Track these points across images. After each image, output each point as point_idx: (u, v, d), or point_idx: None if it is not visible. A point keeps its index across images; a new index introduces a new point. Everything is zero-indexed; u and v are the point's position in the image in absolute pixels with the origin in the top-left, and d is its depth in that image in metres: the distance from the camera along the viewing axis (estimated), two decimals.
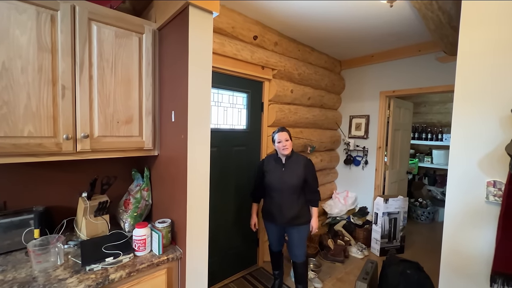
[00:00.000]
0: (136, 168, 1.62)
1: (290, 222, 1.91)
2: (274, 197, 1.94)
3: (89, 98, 1.18)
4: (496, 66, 1.33)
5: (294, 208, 1.91)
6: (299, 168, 1.91)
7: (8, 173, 1.29)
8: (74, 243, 1.23)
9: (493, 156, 1.34)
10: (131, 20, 1.28)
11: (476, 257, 1.39)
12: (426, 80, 2.91)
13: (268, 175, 1.95)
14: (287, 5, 2.05)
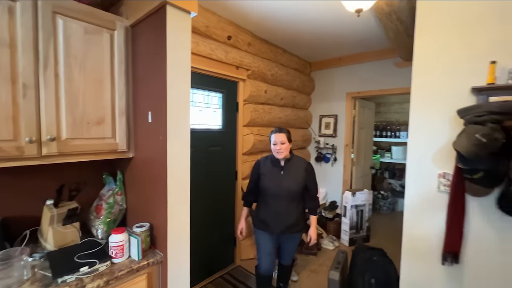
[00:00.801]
0: (107, 171, 1.53)
1: (285, 231, 1.76)
2: (270, 204, 1.74)
3: (55, 98, 1.09)
4: (444, 72, 1.53)
5: (292, 216, 1.74)
6: (299, 172, 1.73)
7: None
8: (40, 255, 1.13)
9: (443, 151, 1.54)
10: (102, 15, 1.22)
11: (430, 240, 1.58)
12: (386, 83, 3.19)
13: (265, 178, 1.75)
14: (260, 6, 2.09)
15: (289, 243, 1.88)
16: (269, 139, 1.80)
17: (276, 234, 1.77)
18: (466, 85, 1.44)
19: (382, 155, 5.11)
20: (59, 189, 1.22)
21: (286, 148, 1.71)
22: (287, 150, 1.73)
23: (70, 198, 1.30)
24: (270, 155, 1.84)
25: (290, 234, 1.78)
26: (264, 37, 2.80)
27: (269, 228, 1.76)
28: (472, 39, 1.43)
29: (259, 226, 1.81)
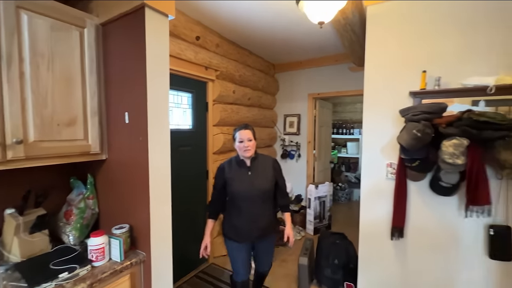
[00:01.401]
0: (74, 175, 1.45)
1: (261, 235, 1.64)
2: (242, 208, 1.59)
3: (20, 98, 1.02)
4: (389, 79, 1.81)
5: (266, 218, 1.64)
6: (268, 170, 1.64)
7: None
8: (5, 268, 1.05)
9: (389, 144, 1.83)
10: (70, 12, 1.17)
11: (381, 220, 1.87)
12: (341, 85, 3.54)
13: (233, 182, 1.59)
14: (227, 8, 2.15)
15: (266, 248, 1.75)
16: (233, 137, 1.65)
17: (251, 241, 1.65)
18: (406, 89, 1.74)
19: (339, 150, 5.60)
20: (25, 196, 1.13)
21: (253, 146, 1.59)
22: (254, 148, 1.61)
23: (37, 205, 1.22)
24: (234, 157, 1.69)
25: (266, 237, 1.68)
26: (231, 38, 2.88)
27: (243, 237, 1.61)
28: (410, 52, 1.74)
29: (231, 236, 1.64)
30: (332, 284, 2.27)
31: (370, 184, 1.93)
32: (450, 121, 1.47)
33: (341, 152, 5.62)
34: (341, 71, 3.51)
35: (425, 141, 1.49)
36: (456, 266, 1.65)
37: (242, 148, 1.58)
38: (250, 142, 1.58)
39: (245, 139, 1.57)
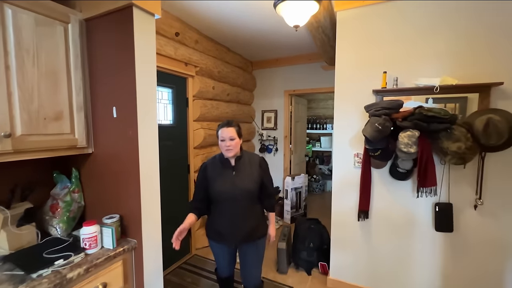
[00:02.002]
0: (57, 170, 1.45)
1: (246, 239, 1.50)
2: (225, 210, 1.47)
3: (7, 92, 1.03)
4: (356, 78, 2.03)
5: (251, 220, 1.50)
6: (254, 169, 1.50)
7: None
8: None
9: (356, 136, 2.06)
10: (53, 7, 1.18)
11: (350, 205, 2.10)
12: (315, 83, 3.76)
13: (215, 183, 1.46)
14: (206, 5, 2.19)
15: (252, 253, 1.56)
16: (216, 135, 1.49)
17: (234, 244, 1.51)
18: (370, 88, 1.96)
19: (314, 144, 5.91)
20: (13, 189, 1.14)
21: (236, 145, 1.44)
22: (237, 147, 1.46)
23: (23, 198, 1.22)
24: (218, 155, 1.55)
25: (252, 241, 1.52)
26: (210, 35, 2.93)
27: (225, 239, 1.50)
28: (373, 54, 1.96)
29: (213, 237, 1.55)
30: (308, 265, 2.49)
31: (340, 172, 2.16)
32: (405, 115, 1.72)
33: (315, 146, 5.93)
34: (314, 69, 3.73)
35: (385, 133, 1.72)
36: (411, 239, 1.93)
37: (223, 147, 1.44)
38: (232, 141, 1.42)
39: (227, 137, 1.42)
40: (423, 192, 1.81)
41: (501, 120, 1.54)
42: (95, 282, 1.10)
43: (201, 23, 2.59)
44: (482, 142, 1.58)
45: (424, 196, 1.83)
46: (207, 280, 2.35)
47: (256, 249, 1.57)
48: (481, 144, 1.61)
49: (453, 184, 1.78)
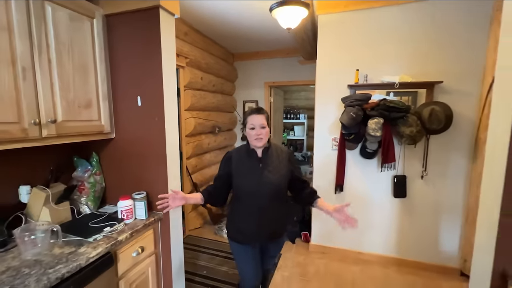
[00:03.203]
0: (77, 155, 1.56)
1: (269, 238, 1.41)
2: (249, 207, 1.36)
3: (50, 82, 1.15)
4: (334, 74, 2.40)
5: (277, 219, 1.40)
6: (282, 163, 1.37)
7: None
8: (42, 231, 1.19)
9: (334, 123, 2.45)
10: (82, 4, 1.28)
11: (328, 180, 2.51)
12: (292, 75, 4.10)
13: (240, 176, 1.35)
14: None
15: (274, 251, 1.54)
16: (243, 123, 1.38)
17: (260, 243, 1.43)
18: (345, 83, 2.35)
19: (288, 133, 6.35)
20: (52, 171, 1.26)
21: (266, 134, 1.32)
22: (267, 137, 1.34)
23: (56, 179, 1.34)
24: (244, 146, 1.42)
25: (276, 240, 1.46)
26: (197, 28, 3.05)
27: (249, 239, 1.40)
28: (348, 54, 2.34)
29: (236, 237, 1.43)
30: (292, 235, 2.88)
31: (321, 153, 2.55)
32: (373, 106, 2.14)
33: (289, 134, 6.37)
34: (292, 63, 4.06)
35: (358, 120, 2.13)
36: (375, 205, 2.42)
37: (253, 136, 1.31)
38: (263, 129, 1.31)
39: (258, 125, 1.30)
40: (385, 168, 2.28)
41: (440, 110, 2.04)
42: (135, 246, 1.30)
43: (190, 16, 2.70)
44: (427, 127, 2.07)
45: (386, 171, 2.30)
46: (204, 255, 2.61)
47: (277, 247, 1.51)
48: (426, 129, 2.10)
49: (407, 160, 2.28)
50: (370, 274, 2.29)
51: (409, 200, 2.32)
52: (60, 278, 0.92)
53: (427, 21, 2.11)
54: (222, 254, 2.61)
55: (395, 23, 2.20)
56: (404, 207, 2.35)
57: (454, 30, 2.05)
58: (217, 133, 3.68)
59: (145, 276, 1.39)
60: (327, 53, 2.42)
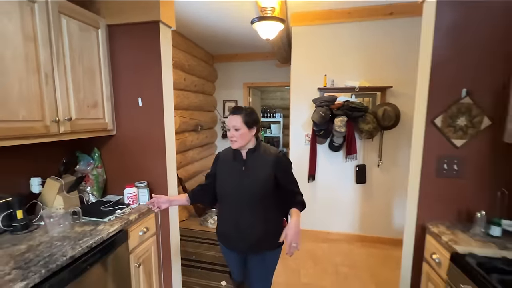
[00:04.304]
0: (79, 150, 1.71)
1: (251, 249, 1.29)
2: (229, 212, 1.29)
3: (65, 86, 1.32)
4: (306, 78, 2.76)
5: (258, 229, 1.24)
6: (267, 167, 1.23)
7: None
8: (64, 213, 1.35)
9: (306, 121, 2.81)
10: (89, 15, 1.46)
11: (303, 171, 2.87)
12: (269, 77, 4.43)
13: (221, 179, 1.31)
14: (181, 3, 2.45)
15: (257, 268, 1.34)
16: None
17: (241, 252, 1.34)
18: (316, 86, 2.72)
19: (265, 131, 6.70)
20: (64, 163, 1.42)
21: (241, 136, 1.21)
22: (244, 139, 1.22)
23: (65, 171, 1.50)
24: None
25: (258, 253, 1.30)
26: (180, 31, 3.23)
27: (232, 244, 1.33)
28: (318, 61, 2.71)
29: (220, 239, 1.38)
30: None
31: (296, 149, 2.90)
32: (338, 106, 2.53)
33: (266, 132, 6.73)
34: (269, 65, 4.39)
35: (326, 118, 2.50)
36: (341, 190, 2.83)
37: (229, 138, 1.24)
38: (236, 131, 1.21)
39: (230, 126, 1.23)
40: (349, 158, 2.69)
41: (391, 110, 2.49)
42: (141, 226, 1.51)
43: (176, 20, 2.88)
44: (381, 124, 2.52)
45: (349, 161, 2.72)
46: (192, 243, 2.83)
47: (263, 262, 1.31)
48: (381, 125, 2.54)
49: (366, 151, 2.72)
50: (338, 249, 2.70)
51: (368, 185, 2.77)
52: (89, 247, 1.12)
53: (379, 36, 2.55)
54: (208, 242, 2.85)
55: (353, 37, 2.61)
56: (364, 192, 2.80)
57: (400, 45, 2.51)
58: (199, 131, 3.88)
59: (149, 253, 1.61)
60: (300, 60, 2.77)
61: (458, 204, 1.34)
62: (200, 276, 2.23)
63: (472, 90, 1.27)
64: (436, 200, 1.36)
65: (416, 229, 1.40)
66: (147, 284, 1.58)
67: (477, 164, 1.31)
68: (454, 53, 1.27)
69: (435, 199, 1.36)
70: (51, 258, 1.00)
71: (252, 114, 1.26)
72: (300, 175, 2.89)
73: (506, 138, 1.23)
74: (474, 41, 1.25)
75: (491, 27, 1.23)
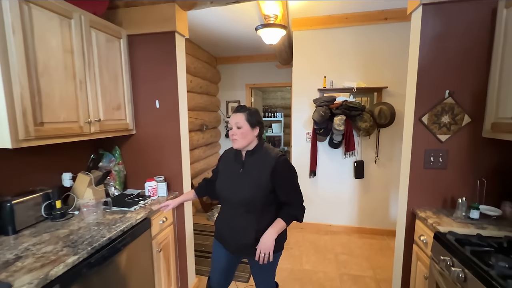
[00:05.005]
0: (101, 148, 1.88)
1: (241, 251, 1.28)
2: (224, 212, 1.32)
3: (95, 91, 1.49)
4: (307, 79, 2.93)
5: (250, 234, 1.20)
6: (264, 171, 1.17)
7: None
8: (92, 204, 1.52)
9: (307, 120, 2.99)
10: (113, 27, 1.63)
11: (304, 167, 3.05)
12: (271, 78, 4.60)
13: (219, 178, 1.33)
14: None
15: (257, 266, 1.29)
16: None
17: (232, 253, 1.33)
18: (316, 87, 2.89)
19: (266, 130, 6.87)
20: (92, 160, 1.60)
21: (243, 135, 1.19)
22: (246, 139, 1.20)
23: (92, 167, 1.67)
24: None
25: (248, 256, 1.28)
26: None
27: (225, 243, 1.32)
28: (317, 63, 2.88)
29: (215, 235, 1.39)
30: None
31: (298, 145, 3.08)
32: (337, 106, 2.70)
33: (267, 131, 6.90)
34: (270, 67, 4.56)
35: (326, 117, 2.68)
36: (340, 185, 3.01)
37: (230, 136, 1.23)
38: (238, 130, 1.19)
39: (233, 124, 1.21)
40: (347, 155, 2.87)
41: (387, 109, 2.66)
42: (161, 216, 1.68)
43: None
44: (378, 122, 2.69)
45: (348, 157, 2.90)
46: (200, 236, 3.01)
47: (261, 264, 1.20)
48: (377, 123, 2.71)
49: (364, 148, 2.90)
50: (338, 240, 2.88)
51: (366, 180, 2.95)
52: (122, 231, 1.29)
53: (375, 40, 2.72)
54: None
55: (350, 41, 2.78)
56: (362, 186, 2.97)
57: (395, 48, 2.68)
58: (204, 130, 4.05)
59: (168, 241, 1.78)
60: (301, 62, 2.94)
61: (443, 192, 1.52)
62: (209, 265, 2.40)
63: (454, 91, 1.45)
64: (424, 189, 1.54)
65: (407, 215, 1.57)
66: (165, 269, 1.76)
67: (459, 156, 1.48)
68: (438, 58, 1.44)
69: (423, 188, 1.54)
70: (92, 238, 1.17)
71: (256, 114, 1.24)
72: (301, 171, 3.06)
73: (484, 133, 1.41)
74: (456, 47, 1.42)
75: (471, 35, 1.40)
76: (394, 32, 2.66)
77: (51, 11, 1.22)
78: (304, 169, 3.05)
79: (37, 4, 1.15)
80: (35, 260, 1.00)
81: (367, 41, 2.75)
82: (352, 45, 2.79)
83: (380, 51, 2.73)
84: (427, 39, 1.44)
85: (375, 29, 2.71)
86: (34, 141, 1.17)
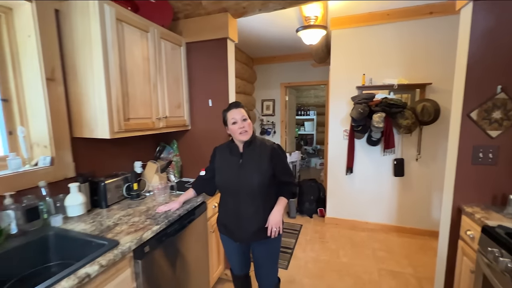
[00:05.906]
0: (162, 142, 2.17)
1: (253, 238, 1.36)
2: (229, 204, 1.39)
3: (163, 92, 1.76)
4: (345, 77, 2.97)
5: (259, 217, 1.32)
6: (264, 159, 1.32)
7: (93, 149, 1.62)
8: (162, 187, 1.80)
9: (344, 117, 3.03)
10: (176, 37, 1.89)
11: (340, 164, 3.09)
12: (305, 77, 4.67)
13: (220, 173, 1.41)
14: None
15: (262, 252, 1.41)
16: (223, 120, 1.40)
17: (242, 242, 1.40)
18: (354, 84, 2.92)
19: (299, 128, 6.93)
20: (159, 150, 1.88)
21: (249, 126, 1.33)
22: (251, 129, 1.34)
23: (156, 158, 1.96)
24: (227, 143, 1.47)
25: (260, 240, 1.37)
26: None
27: (233, 235, 1.40)
28: (356, 61, 2.91)
29: (221, 230, 1.48)
30: (310, 212, 3.48)
31: (334, 142, 3.13)
32: (376, 103, 2.71)
33: (300, 130, 6.95)
34: (305, 66, 4.63)
35: (364, 115, 2.70)
36: (379, 183, 2.99)
37: (237, 130, 1.31)
38: (245, 122, 1.32)
39: (239, 118, 1.31)
40: (386, 152, 2.85)
41: (430, 106, 2.60)
42: (213, 202, 1.90)
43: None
44: (420, 119, 2.64)
45: (387, 155, 2.88)
46: None
47: (269, 248, 1.39)
48: (419, 121, 2.66)
49: (404, 146, 2.85)
50: (375, 238, 2.88)
51: (406, 178, 2.90)
52: (187, 209, 1.53)
53: (418, 35, 2.67)
54: None
55: (391, 37, 2.76)
56: (402, 184, 2.92)
57: (440, 43, 2.60)
58: None
59: None
60: (339, 60, 2.99)
61: (493, 189, 1.50)
62: None
63: (507, 86, 1.42)
64: (471, 185, 1.53)
65: (453, 211, 1.58)
66: (216, 249, 1.98)
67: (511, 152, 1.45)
68: (489, 54, 1.43)
69: (470, 184, 1.53)
70: (166, 213, 1.42)
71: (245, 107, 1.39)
72: (338, 168, 3.12)
73: None
74: (509, 43, 1.40)
75: None
76: (440, 26, 2.58)
77: (135, 27, 1.49)
78: (341, 166, 3.09)
79: (127, 22, 1.42)
80: (129, 227, 1.26)
81: (410, 36, 2.70)
82: (393, 42, 2.76)
83: (423, 46, 2.67)
84: (477, 35, 1.44)
85: (419, 24, 2.65)
86: (123, 133, 1.45)
